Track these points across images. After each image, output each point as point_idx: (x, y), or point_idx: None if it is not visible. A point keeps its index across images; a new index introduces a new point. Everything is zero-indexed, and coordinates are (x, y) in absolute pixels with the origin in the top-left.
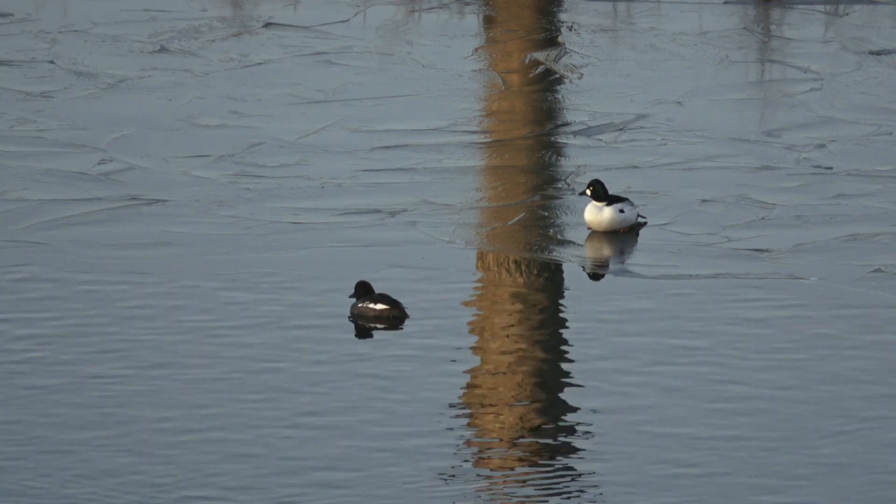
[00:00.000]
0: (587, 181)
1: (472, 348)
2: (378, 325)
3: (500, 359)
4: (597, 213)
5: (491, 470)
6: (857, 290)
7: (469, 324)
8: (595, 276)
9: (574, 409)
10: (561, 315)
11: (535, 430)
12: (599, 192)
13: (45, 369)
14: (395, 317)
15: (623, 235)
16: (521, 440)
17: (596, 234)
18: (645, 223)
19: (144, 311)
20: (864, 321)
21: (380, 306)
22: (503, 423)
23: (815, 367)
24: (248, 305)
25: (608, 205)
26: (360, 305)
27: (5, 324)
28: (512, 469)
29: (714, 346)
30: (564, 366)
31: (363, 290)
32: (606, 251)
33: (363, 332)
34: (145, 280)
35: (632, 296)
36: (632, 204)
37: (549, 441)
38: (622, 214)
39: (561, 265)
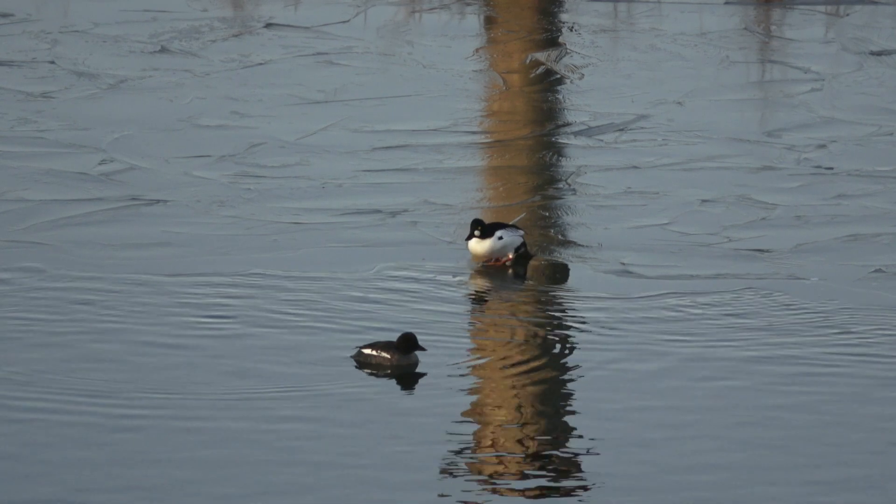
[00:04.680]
0: (470, 224)
1: (470, 352)
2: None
3: (498, 364)
4: (477, 245)
5: (492, 492)
6: (858, 290)
7: (468, 326)
8: (596, 277)
9: (574, 417)
10: (562, 317)
11: (535, 443)
12: (483, 231)
13: (45, 368)
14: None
15: (507, 272)
16: (518, 455)
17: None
18: (530, 255)
19: (144, 311)
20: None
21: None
22: (499, 436)
23: (827, 380)
24: (248, 306)
25: (489, 235)
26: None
27: (5, 324)
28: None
29: (717, 348)
30: (564, 371)
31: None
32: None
33: (362, 337)
34: (145, 280)
35: (632, 295)
36: (515, 229)
37: (549, 452)
38: (501, 241)
39: (563, 265)
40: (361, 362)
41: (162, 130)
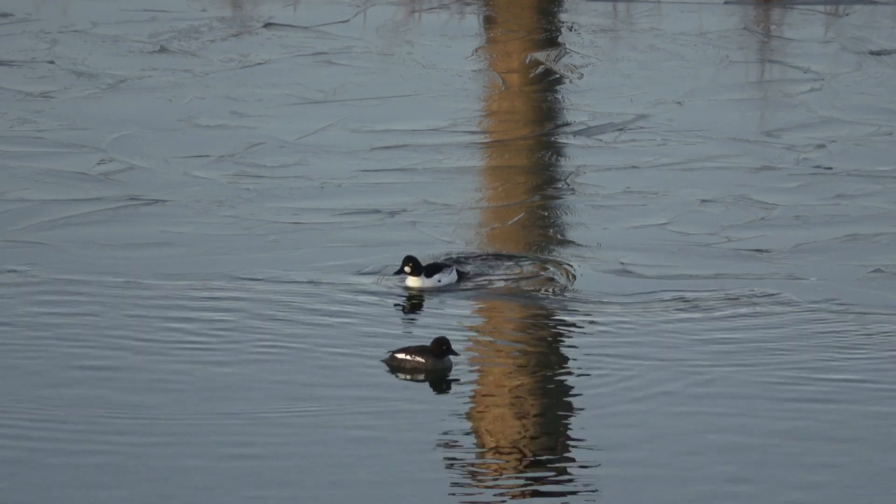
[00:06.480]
0: (402, 259)
1: (471, 350)
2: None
3: (499, 366)
4: (419, 283)
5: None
6: (857, 290)
7: (468, 328)
8: (596, 276)
9: (575, 419)
10: (561, 317)
11: (533, 442)
12: (416, 268)
13: (46, 369)
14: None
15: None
16: (515, 455)
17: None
18: (468, 274)
19: (145, 311)
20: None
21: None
22: (498, 440)
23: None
24: (248, 305)
25: (427, 275)
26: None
27: (6, 324)
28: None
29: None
30: (564, 373)
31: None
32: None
33: (362, 335)
34: (145, 280)
35: (631, 296)
36: (449, 268)
37: (548, 453)
38: (440, 284)
39: (562, 265)
40: (394, 366)
41: (161, 130)
